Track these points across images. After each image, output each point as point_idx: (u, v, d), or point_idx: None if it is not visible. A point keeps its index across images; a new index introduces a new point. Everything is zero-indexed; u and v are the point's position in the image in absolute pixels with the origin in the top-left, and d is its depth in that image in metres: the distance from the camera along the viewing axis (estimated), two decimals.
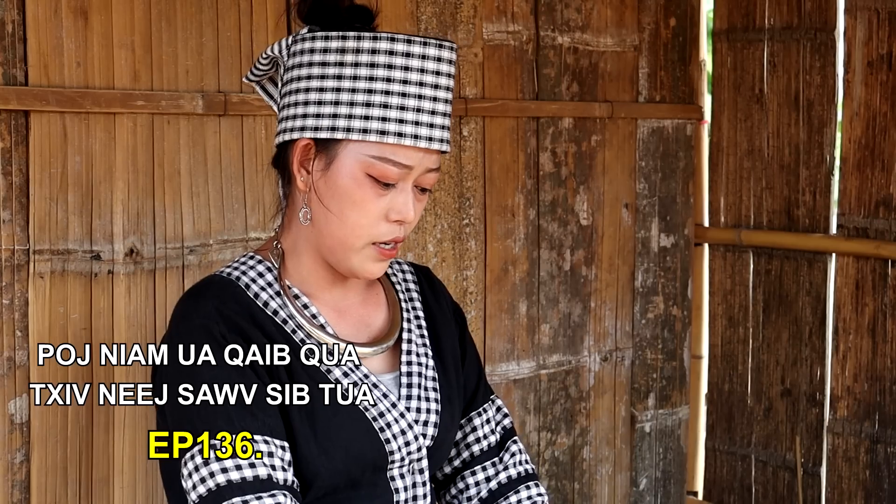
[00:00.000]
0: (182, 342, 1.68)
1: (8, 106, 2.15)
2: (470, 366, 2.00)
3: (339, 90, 1.69)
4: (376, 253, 1.74)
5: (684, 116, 3.53)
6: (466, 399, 1.98)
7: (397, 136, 1.68)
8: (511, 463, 1.99)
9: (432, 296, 1.98)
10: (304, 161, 1.74)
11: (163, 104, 2.36)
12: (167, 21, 2.37)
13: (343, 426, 1.72)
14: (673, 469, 3.63)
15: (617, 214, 3.38)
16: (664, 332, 3.55)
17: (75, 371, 2.26)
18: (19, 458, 2.22)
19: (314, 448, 1.69)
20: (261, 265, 1.79)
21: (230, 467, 1.60)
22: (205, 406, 1.64)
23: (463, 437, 1.98)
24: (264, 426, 1.65)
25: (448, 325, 1.97)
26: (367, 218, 1.71)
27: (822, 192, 3.33)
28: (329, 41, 1.70)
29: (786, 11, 3.36)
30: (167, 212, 2.40)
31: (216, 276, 1.78)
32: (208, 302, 1.70)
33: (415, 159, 1.71)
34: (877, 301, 3.18)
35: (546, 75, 3.15)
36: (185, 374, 1.66)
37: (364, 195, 1.70)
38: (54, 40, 2.22)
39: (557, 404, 3.27)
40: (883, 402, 3.18)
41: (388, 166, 1.69)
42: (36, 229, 2.21)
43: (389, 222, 1.72)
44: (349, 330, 1.82)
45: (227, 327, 1.68)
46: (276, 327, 1.74)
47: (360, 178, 1.70)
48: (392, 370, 1.85)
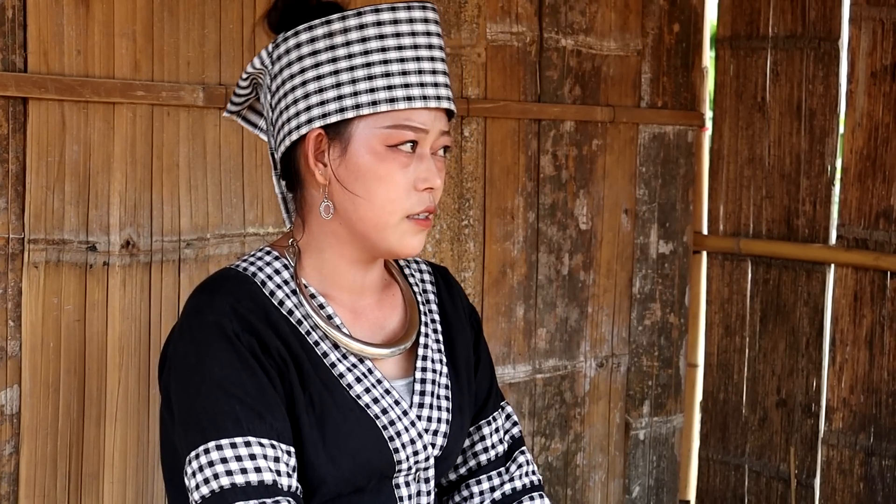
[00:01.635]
0: (193, 338, 1.65)
1: (6, 92, 2.12)
2: (483, 373, 1.96)
3: (337, 73, 1.67)
4: (413, 225, 1.70)
5: (686, 123, 3.51)
6: (477, 406, 1.94)
7: (407, 101, 1.67)
8: (517, 474, 1.95)
9: (449, 299, 1.94)
10: (318, 154, 1.71)
11: (163, 95, 2.33)
12: (169, 11, 2.35)
13: (352, 434, 1.68)
14: (666, 477, 3.61)
15: (616, 220, 3.36)
16: (661, 339, 3.53)
17: (67, 363, 2.24)
18: (8, 450, 2.19)
19: (322, 455, 1.66)
20: (277, 262, 1.75)
21: (235, 470, 1.57)
22: (213, 406, 1.60)
23: (471, 444, 1.95)
24: (272, 430, 1.61)
25: (463, 331, 1.93)
26: (396, 191, 1.68)
27: (822, 202, 3.31)
28: (314, 30, 1.68)
29: (790, 20, 3.35)
30: (165, 204, 2.37)
31: (232, 269, 1.74)
32: (223, 298, 1.66)
33: (428, 121, 1.69)
34: (875, 313, 3.17)
35: (549, 77, 3.14)
36: (194, 372, 1.63)
37: (389, 168, 1.67)
38: (55, 27, 2.19)
39: (552, 409, 3.25)
40: (878, 415, 3.17)
41: (405, 132, 1.67)
42: (31, 218, 2.18)
43: (419, 191, 1.69)
44: (364, 332, 1.78)
45: (241, 326, 1.64)
46: (290, 328, 1.70)
47: (381, 151, 1.67)
48: (406, 375, 1.81)
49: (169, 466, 1.76)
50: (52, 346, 2.22)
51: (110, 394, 2.31)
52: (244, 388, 1.61)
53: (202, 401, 1.61)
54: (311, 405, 1.67)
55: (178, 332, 1.69)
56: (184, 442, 1.63)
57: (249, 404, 1.60)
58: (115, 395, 2.31)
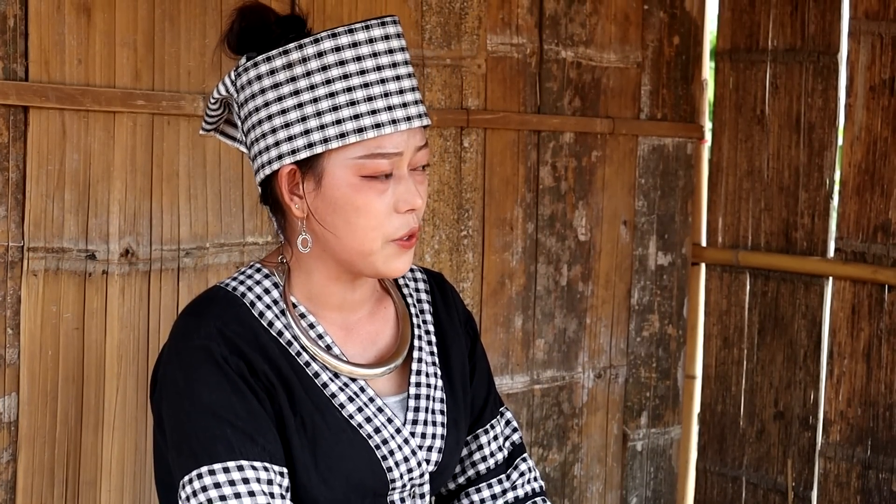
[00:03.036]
0: (182, 362, 1.64)
1: (7, 101, 2.13)
2: (479, 381, 1.94)
3: (301, 105, 1.63)
4: (397, 248, 1.67)
5: (685, 135, 3.52)
6: (474, 416, 1.93)
7: (375, 129, 1.62)
8: (520, 482, 1.94)
9: (443, 306, 1.92)
10: (292, 188, 1.67)
11: (163, 104, 2.34)
12: (170, 21, 2.36)
13: (345, 455, 1.67)
14: (663, 489, 3.61)
15: (615, 231, 3.37)
16: (659, 350, 3.53)
17: (66, 371, 2.24)
18: (6, 458, 2.19)
19: (314, 477, 1.65)
20: (267, 280, 1.73)
21: (229, 495, 1.56)
22: (204, 431, 1.59)
23: (469, 454, 1.93)
24: (264, 452, 1.60)
25: (458, 340, 1.91)
26: (376, 219, 1.65)
27: (820, 215, 3.32)
28: (272, 61, 1.64)
29: (789, 33, 3.36)
30: (164, 213, 2.38)
31: (220, 289, 1.72)
32: (210, 322, 1.65)
33: (401, 143, 1.65)
34: (872, 326, 3.17)
35: (549, 89, 3.14)
36: (183, 396, 1.62)
37: (366, 198, 1.64)
38: (56, 36, 2.20)
39: (550, 420, 3.25)
40: (876, 428, 3.17)
41: (379, 161, 1.63)
42: (31, 226, 2.18)
43: (400, 214, 1.66)
44: (356, 350, 1.77)
45: (229, 349, 1.63)
46: (280, 349, 1.68)
47: (356, 182, 1.64)
48: (399, 391, 1.80)
49: (164, 485, 1.76)
50: (51, 354, 2.23)
51: (108, 402, 2.31)
52: (234, 411, 1.60)
53: (192, 426, 1.60)
54: (302, 427, 1.66)
55: (167, 355, 1.68)
56: (176, 464, 1.62)
57: (241, 427, 1.60)
58: (112, 404, 2.32)
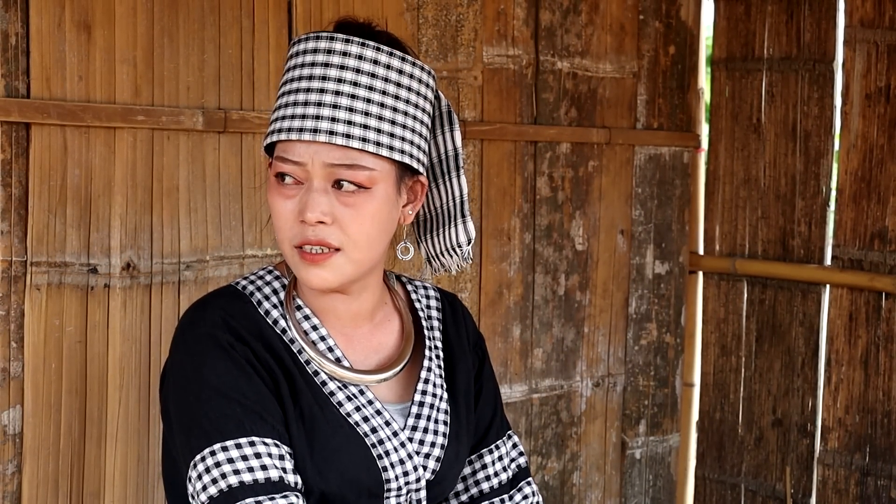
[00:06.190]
0: (188, 350, 1.68)
1: (9, 118, 2.16)
2: (486, 402, 1.96)
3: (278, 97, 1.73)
4: (300, 258, 1.69)
5: (681, 144, 3.54)
6: (478, 436, 1.94)
7: (279, 133, 1.68)
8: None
9: (453, 326, 1.94)
10: None
11: (163, 120, 2.36)
12: (169, 37, 2.38)
13: (341, 449, 1.70)
14: (662, 496, 3.63)
15: (612, 240, 3.39)
16: (657, 358, 3.55)
17: (69, 383, 2.26)
18: (11, 470, 2.21)
19: (310, 467, 1.68)
20: (277, 281, 1.79)
21: (242, 469, 1.59)
22: (214, 411, 1.63)
23: (472, 472, 1.95)
24: (274, 430, 1.64)
25: (465, 359, 1.93)
26: (281, 220, 1.69)
27: (817, 222, 3.34)
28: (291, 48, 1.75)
29: (785, 42, 3.38)
30: (165, 227, 2.40)
31: (230, 287, 1.78)
32: (215, 312, 1.70)
33: (305, 154, 1.65)
34: (870, 333, 3.18)
35: (545, 100, 3.17)
36: (192, 381, 1.65)
37: (273, 198, 1.70)
38: (57, 53, 2.22)
39: (548, 429, 3.27)
40: (874, 435, 3.18)
41: (281, 164, 1.67)
42: (34, 241, 2.21)
43: (299, 223, 1.67)
44: (357, 355, 1.80)
45: (234, 336, 1.67)
46: (283, 346, 1.72)
47: (272, 181, 1.70)
48: (403, 400, 1.82)
49: (170, 479, 1.78)
50: (54, 367, 2.25)
51: (111, 414, 2.33)
52: (243, 392, 1.64)
53: (202, 407, 1.63)
54: (300, 418, 1.69)
55: (174, 345, 1.72)
56: (186, 448, 1.64)
57: (250, 407, 1.63)
58: (115, 416, 2.34)
